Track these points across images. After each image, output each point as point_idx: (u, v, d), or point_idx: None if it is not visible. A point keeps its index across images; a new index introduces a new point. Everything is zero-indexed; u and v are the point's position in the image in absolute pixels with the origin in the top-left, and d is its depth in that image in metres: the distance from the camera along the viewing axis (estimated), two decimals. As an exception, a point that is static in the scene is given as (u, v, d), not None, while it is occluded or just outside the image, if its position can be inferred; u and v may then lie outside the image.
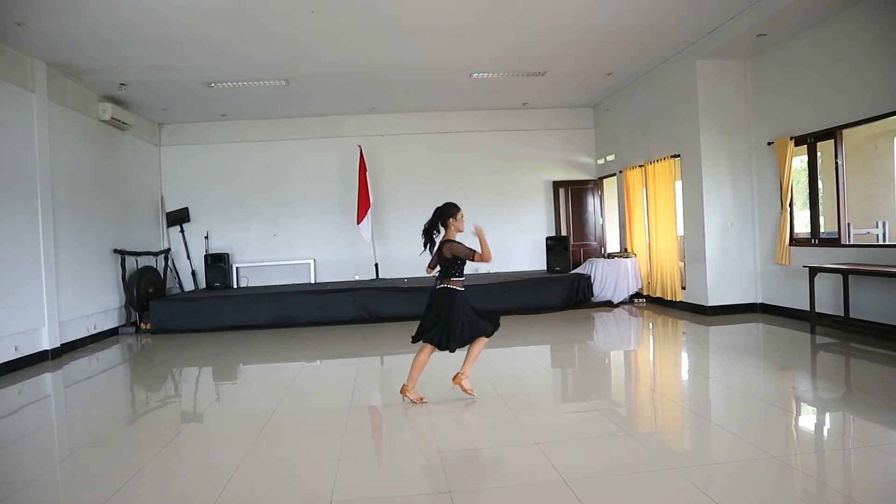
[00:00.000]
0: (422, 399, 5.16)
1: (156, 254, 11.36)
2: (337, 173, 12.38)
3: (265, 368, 7.56)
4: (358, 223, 11.65)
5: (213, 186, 12.29)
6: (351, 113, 12.32)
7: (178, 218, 12.03)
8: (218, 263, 11.74)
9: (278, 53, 8.43)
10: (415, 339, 5.18)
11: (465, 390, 5.21)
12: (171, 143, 12.23)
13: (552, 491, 3.32)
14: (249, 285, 12.13)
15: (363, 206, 11.57)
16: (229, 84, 9.69)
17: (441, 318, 5.00)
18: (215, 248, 12.19)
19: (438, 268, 5.16)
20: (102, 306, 9.62)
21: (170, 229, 12.12)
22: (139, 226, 11.20)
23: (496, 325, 5.21)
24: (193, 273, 12.10)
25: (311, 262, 12.38)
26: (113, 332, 9.90)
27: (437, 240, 5.18)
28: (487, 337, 5.19)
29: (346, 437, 4.39)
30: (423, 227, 5.15)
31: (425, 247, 5.15)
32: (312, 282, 12.22)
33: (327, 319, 10.09)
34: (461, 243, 5.08)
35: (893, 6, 6.56)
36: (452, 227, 5.16)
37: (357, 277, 12.16)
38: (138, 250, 10.71)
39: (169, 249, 11.87)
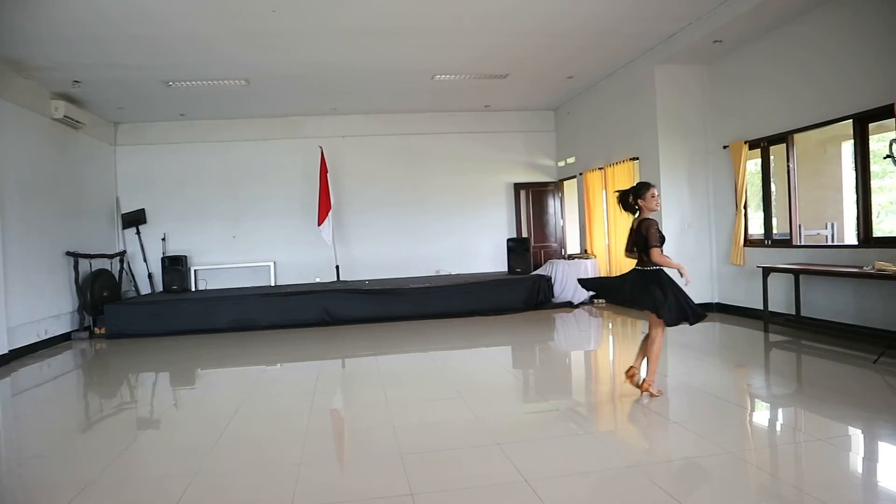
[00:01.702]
0: (660, 391, 5.08)
1: (111, 256, 11.08)
2: (298, 175, 12.26)
3: (224, 373, 7.44)
4: (319, 225, 11.56)
5: (170, 187, 12.05)
6: (312, 114, 12.22)
7: (134, 219, 11.76)
8: (175, 266, 11.50)
9: (238, 53, 8.31)
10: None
11: (652, 393, 5.05)
12: (128, 143, 11.95)
13: (514, 491, 3.34)
14: (208, 288, 11.93)
15: (324, 207, 11.49)
16: (188, 83, 9.52)
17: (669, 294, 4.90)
18: (173, 250, 11.95)
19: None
20: (54, 311, 9.34)
21: (125, 231, 11.84)
22: (93, 228, 10.91)
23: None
24: (150, 276, 11.85)
25: (272, 264, 12.24)
26: (65, 338, 9.62)
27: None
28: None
29: (307, 441, 4.35)
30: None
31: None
32: (273, 284, 12.07)
33: (288, 322, 9.96)
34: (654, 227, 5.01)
35: (843, 18, 6.79)
36: (644, 207, 5.10)
37: (318, 280, 12.06)
38: (92, 253, 10.43)
39: (124, 252, 11.59)
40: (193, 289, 11.90)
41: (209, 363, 7.86)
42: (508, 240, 11.97)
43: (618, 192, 5.29)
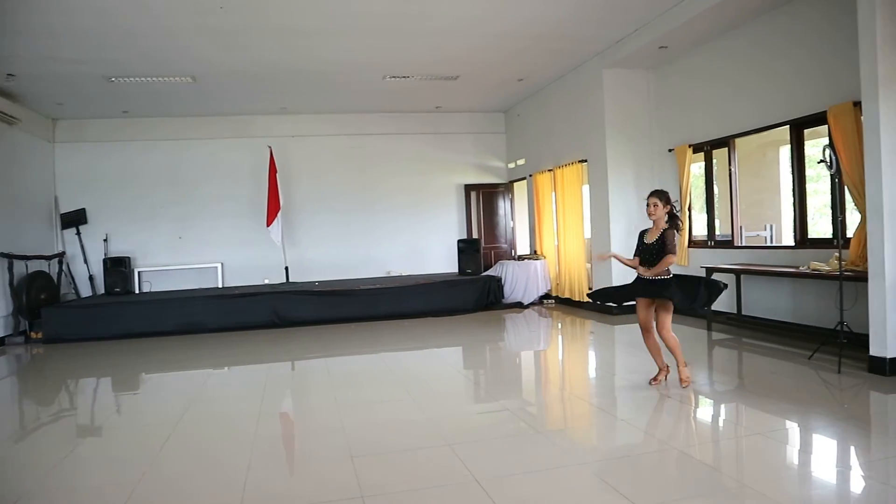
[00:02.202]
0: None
1: (48, 257, 10.67)
2: (246, 175, 12.05)
3: (170, 377, 7.25)
4: (268, 226, 11.37)
5: (112, 187, 11.67)
6: (261, 113, 12.03)
7: (74, 220, 11.36)
8: (118, 268, 11.15)
9: (184, 49, 8.10)
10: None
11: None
12: (67, 140, 11.51)
13: (465, 492, 3.35)
14: (153, 290, 11.61)
15: (273, 208, 11.31)
16: (132, 79, 9.22)
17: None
18: (115, 251, 11.58)
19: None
20: (-13, 314, 8.94)
21: (65, 232, 11.42)
22: (30, 228, 10.45)
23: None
24: (91, 278, 11.46)
25: (219, 265, 11.99)
26: (-1, 343, 9.23)
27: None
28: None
29: (255, 445, 4.28)
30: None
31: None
32: (220, 286, 11.83)
33: (236, 325, 9.76)
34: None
35: (780, 29, 7.04)
36: None
37: (267, 281, 11.87)
38: (28, 254, 10.01)
39: (63, 253, 11.18)
40: (137, 291, 11.56)
41: (154, 367, 7.65)
42: (459, 241, 12.02)
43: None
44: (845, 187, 6.03)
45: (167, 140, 11.87)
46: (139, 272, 11.70)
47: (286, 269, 11.70)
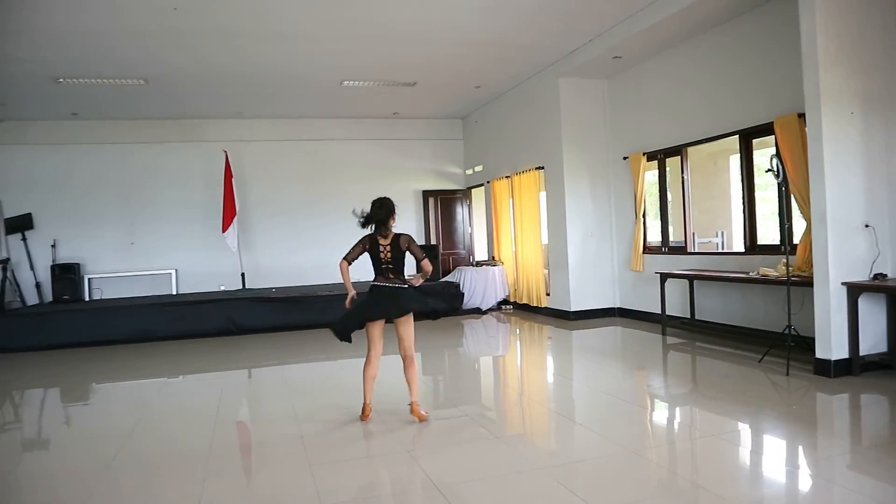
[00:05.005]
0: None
1: (-8, 264, 10.30)
2: (200, 179, 11.83)
3: (122, 386, 7.05)
4: (223, 231, 11.19)
5: (61, 191, 11.30)
6: (216, 117, 11.83)
7: (19, 225, 10.97)
8: (67, 274, 10.82)
9: (137, 51, 7.90)
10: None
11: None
12: (10, 143, 11.09)
13: (426, 498, 3.35)
14: (103, 297, 11.29)
15: (229, 213, 11.14)
16: (81, 81, 8.95)
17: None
18: (64, 257, 11.23)
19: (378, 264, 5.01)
20: (-75, 324, 8.56)
21: (9, 237, 11.02)
22: (-29, 234, 10.08)
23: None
24: (38, 285, 11.08)
25: (173, 272, 11.73)
26: (-62, 353, 8.84)
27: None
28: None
29: (211, 456, 4.20)
30: (370, 216, 5.04)
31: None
32: (174, 293, 11.58)
33: (191, 333, 9.55)
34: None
35: (730, 41, 7.25)
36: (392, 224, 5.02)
37: (222, 288, 11.67)
38: (-30, 261, 9.65)
39: (8, 259, 10.78)
40: (87, 298, 11.22)
41: (105, 377, 7.44)
42: (418, 246, 12.00)
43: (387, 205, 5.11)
44: (791, 195, 6.24)
45: (118, 143, 11.55)
46: (89, 279, 11.36)
47: (242, 275, 11.52)
